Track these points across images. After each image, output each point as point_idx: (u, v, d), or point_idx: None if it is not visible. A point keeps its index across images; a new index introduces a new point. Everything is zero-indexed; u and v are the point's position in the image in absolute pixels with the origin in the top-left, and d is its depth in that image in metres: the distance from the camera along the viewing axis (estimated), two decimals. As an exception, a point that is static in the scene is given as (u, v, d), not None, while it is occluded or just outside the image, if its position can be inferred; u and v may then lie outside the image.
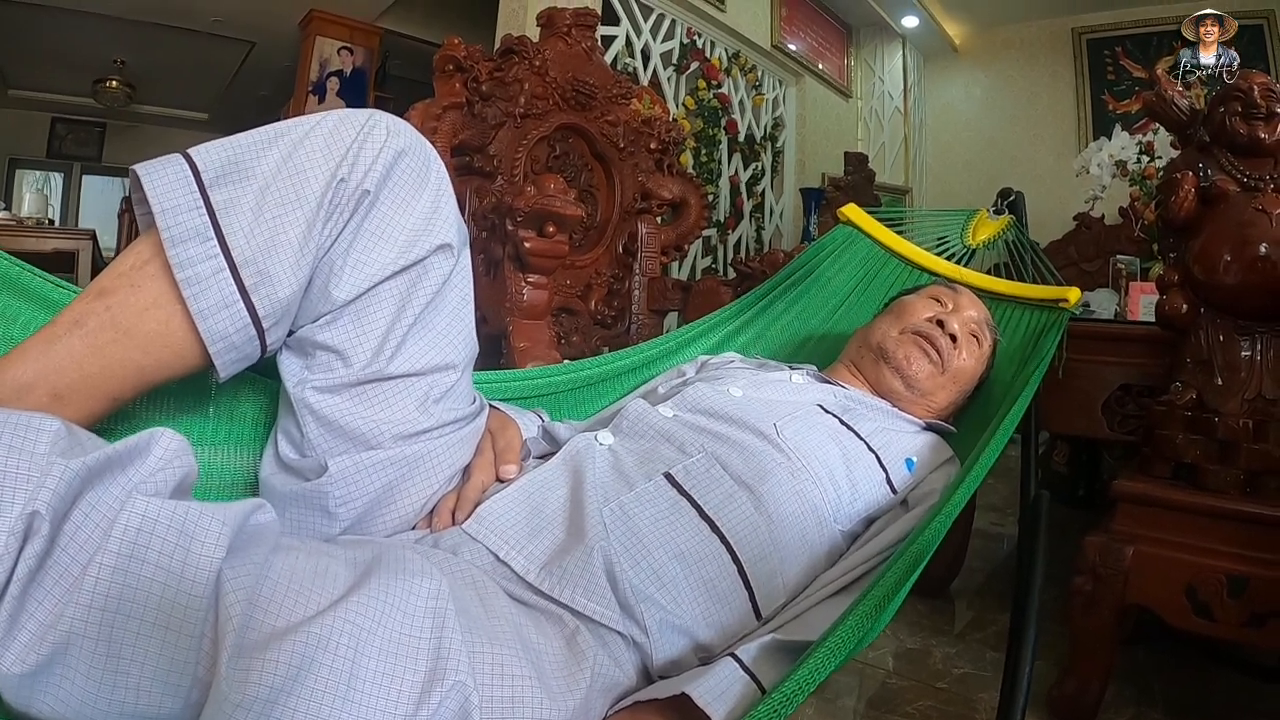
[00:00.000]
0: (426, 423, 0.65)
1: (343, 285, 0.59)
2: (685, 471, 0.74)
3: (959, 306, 1.07)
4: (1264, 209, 1.29)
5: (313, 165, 0.57)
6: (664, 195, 2.28)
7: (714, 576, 0.68)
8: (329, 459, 0.61)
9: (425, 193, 0.62)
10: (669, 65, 3.98)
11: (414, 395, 0.64)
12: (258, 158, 0.56)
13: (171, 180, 0.54)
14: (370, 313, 0.60)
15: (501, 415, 0.81)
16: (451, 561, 0.62)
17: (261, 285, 0.55)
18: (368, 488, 0.63)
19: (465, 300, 0.68)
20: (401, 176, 0.61)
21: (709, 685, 0.56)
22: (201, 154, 0.56)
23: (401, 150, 0.60)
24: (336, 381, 0.61)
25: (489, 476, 0.73)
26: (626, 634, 0.62)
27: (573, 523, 0.67)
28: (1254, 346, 1.33)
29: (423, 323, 0.63)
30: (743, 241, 4.52)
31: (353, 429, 0.62)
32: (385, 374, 0.62)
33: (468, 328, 0.69)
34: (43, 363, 0.52)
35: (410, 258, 0.61)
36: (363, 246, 0.59)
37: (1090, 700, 1.33)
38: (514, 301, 1.70)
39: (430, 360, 0.64)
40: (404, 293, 0.61)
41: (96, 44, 5.69)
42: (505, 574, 0.64)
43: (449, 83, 1.90)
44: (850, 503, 0.83)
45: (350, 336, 0.60)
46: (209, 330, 0.55)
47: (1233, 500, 1.25)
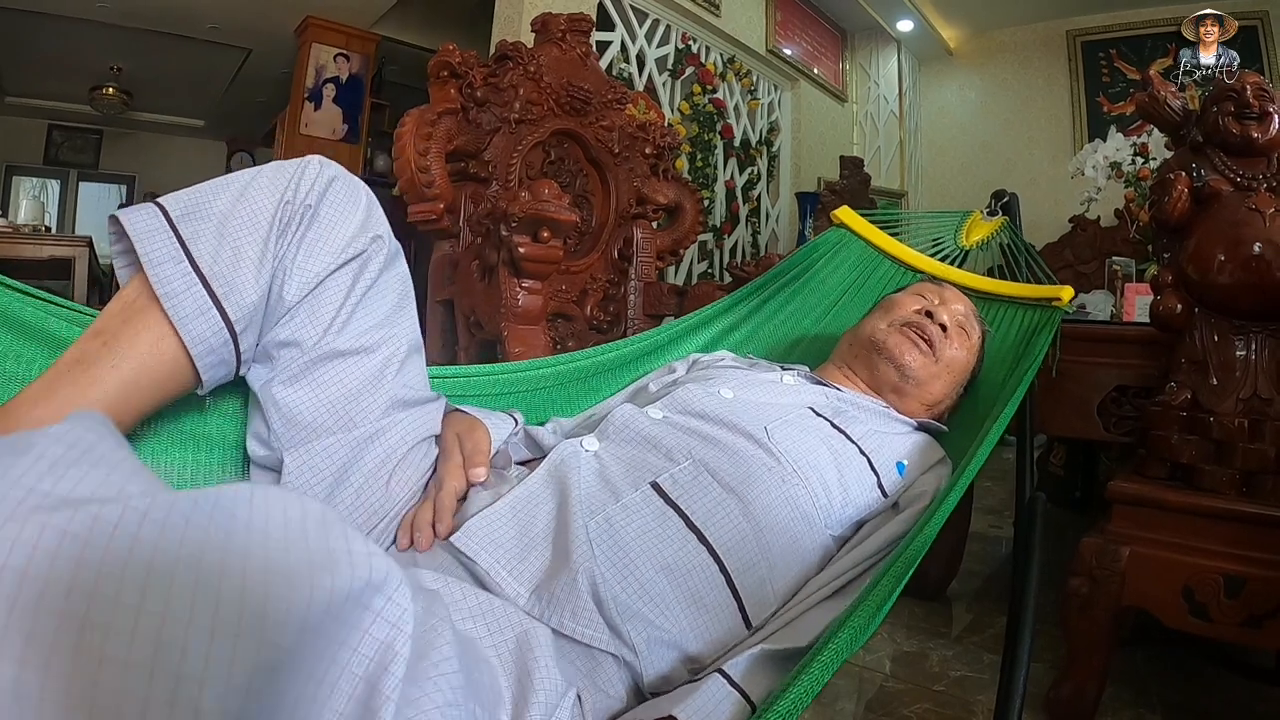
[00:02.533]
0: (379, 399, 0.70)
1: (293, 287, 0.66)
2: (672, 480, 0.74)
3: (945, 300, 1.09)
4: (1257, 208, 1.29)
5: (262, 196, 0.66)
6: (659, 200, 2.28)
7: (701, 588, 0.68)
8: (285, 451, 0.67)
9: (359, 207, 0.70)
10: (664, 70, 3.98)
11: (365, 371, 0.70)
12: (214, 198, 0.65)
13: (145, 218, 0.63)
14: (320, 303, 0.67)
15: (469, 418, 0.80)
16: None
17: (230, 293, 0.63)
18: (323, 473, 0.68)
19: (406, 295, 0.75)
20: (337, 195, 0.69)
21: (696, 705, 0.56)
22: (168, 200, 0.65)
23: (333, 177, 0.69)
24: (295, 368, 0.67)
25: (460, 482, 0.73)
26: (617, 654, 0.62)
27: (559, 542, 0.67)
28: (1249, 346, 1.33)
29: (366, 304, 0.70)
30: (739, 246, 4.52)
31: (311, 416, 0.67)
32: (336, 349, 0.68)
33: (411, 319, 0.75)
34: (49, 403, 0.58)
35: (351, 252, 0.68)
36: (308, 250, 0.67)
37: (1087, 702, 1.32)
38: (509, 307, 1.70)
39: (376, 336, 0.70)
40: (348, 282, 0.69)
41: (93, 51, 5.69)
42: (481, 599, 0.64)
43: (444, 89, 1.90)
44: (841, 507, 0.82)
45: (304, 325, 0.67)
46: (189, 334, 0.61)
47: (1229, 500, 1.25)
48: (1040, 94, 5.43)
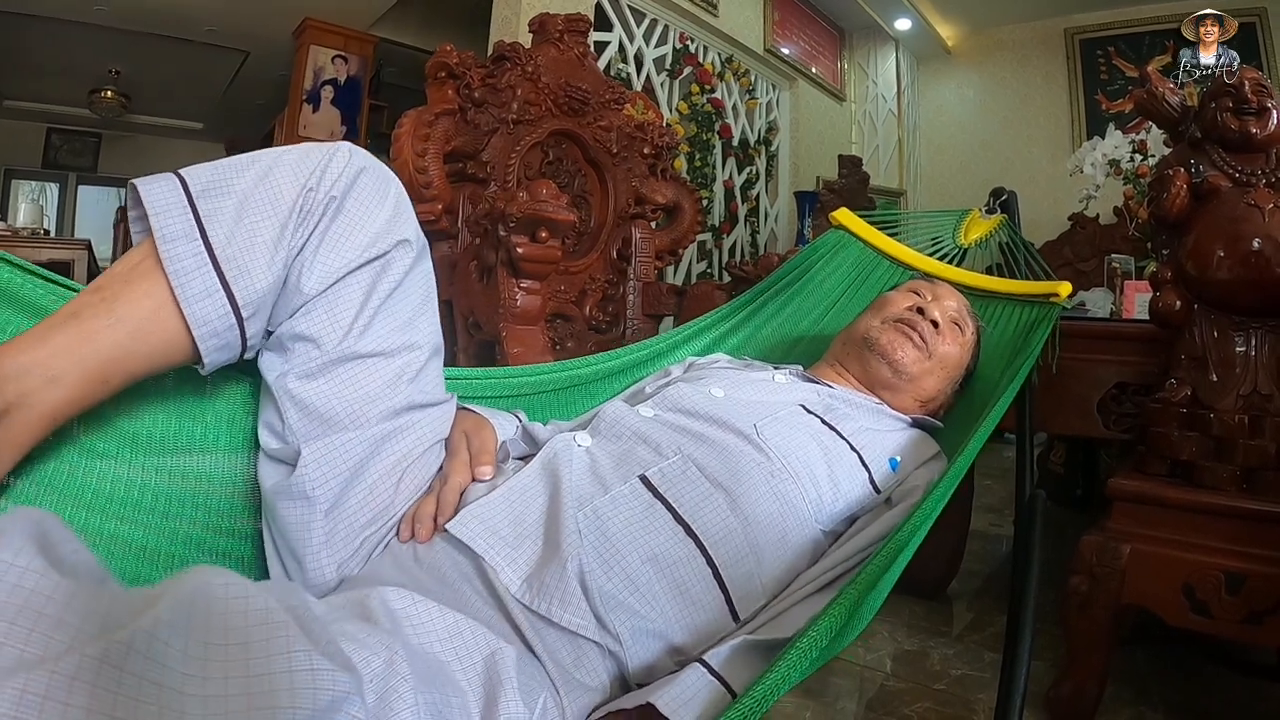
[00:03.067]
0: (397, 401, 0.69)
1: (312, 278, 0.65)
2: (660, 474, 0.75)
3: (938, 296, 1.09)
4: (1256, 204, 1.29)
5: (285, 180, 0.64)
6: (658, 200, 2.28)
7: (688, 580, 0.68)
8: (303, 444, 0.66)
9: (387, 201, 0.69)
10: (662, 70, 3.98)
11: (384, 374, 0.69)
12: (237, 176, 0.64)
13: (164, 191, 0.62)
14: (340, 300, 0.66)
15: (477, 417, 0.81)
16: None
17: (240, 278, 0.61)
18: (340, 467, 0.67)
19: (429, 296, 0.74)
20: (364, 188, 0.67)
21: (675, 693, 0.56)
22: (190, 172, 0.63)
23: (363, 168, 0.68)
24: (313, 365, 0.66)
25: (465, 478, 0.73)
26: (602, 643, 0.63)
27: (550, 533, 0.68)
28: (1248, 342, 1.33)
29: (389, 307, 0.69)
30: (738, 246, 4.52)
31: (328, 410, 0.66)
32: (356, 352, 0.67)
33: (433, 320, 0.74)
34: (40, 350, 0.57)
35: (374, 251, 0.67)
36: (330, 245, 0.65)
37: (1088, 701, 1.32)
38: (507, 307, 1.70)
39: (397, 340, 0.69)
40: (370, 282, 0.67)
41: (91, 54, 5.69)
42: (481, 590, 0.65)
43: (441, 90, 1.90)
44: (832, 503, 0.83)
45: (322, 322, 0.66)
46: (194, 315, 0.60)
47: (1229, 497, 1.25)
48: (1039, 92, 5.44)
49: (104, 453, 0.66)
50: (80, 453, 0.65)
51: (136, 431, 0.68)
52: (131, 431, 0.68)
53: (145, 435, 0.69)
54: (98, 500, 0.65)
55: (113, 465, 0.66)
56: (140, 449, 0.68)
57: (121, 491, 0.67)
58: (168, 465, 0.70)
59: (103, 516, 0.65)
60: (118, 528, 0.66)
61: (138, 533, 0.67)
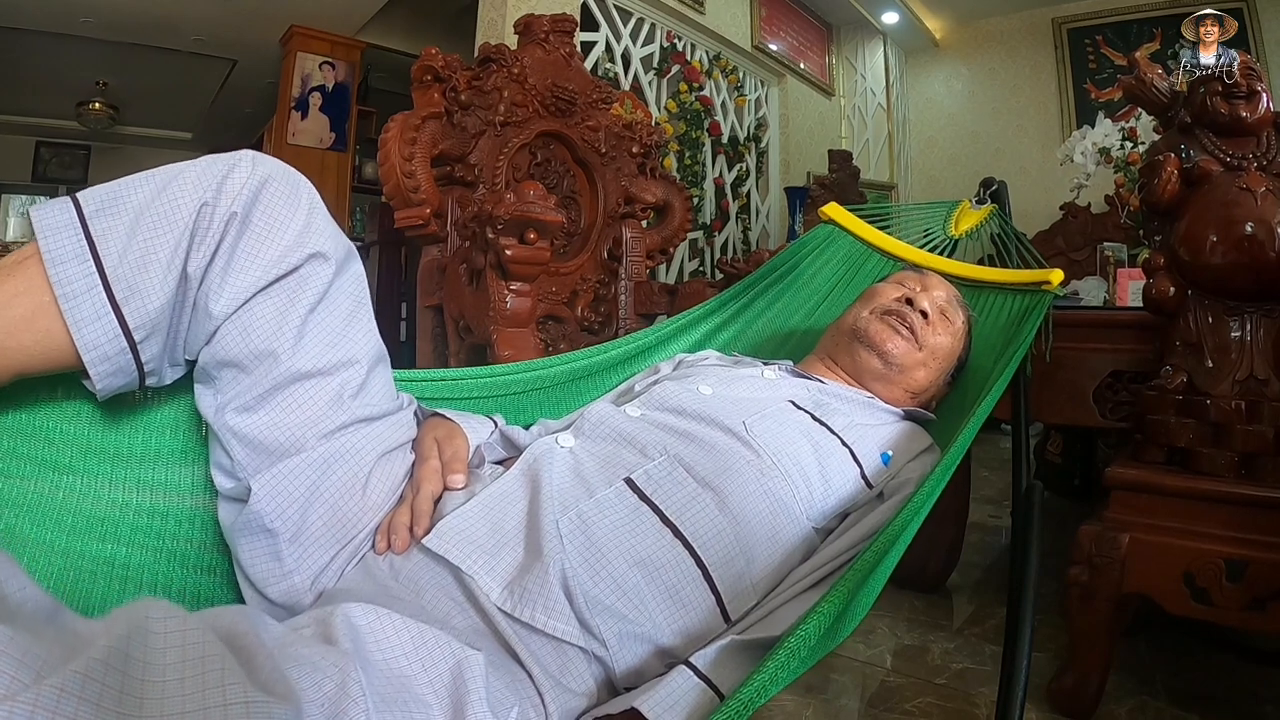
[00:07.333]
0: (341, 418, 0.67)
1: (221, 301, 0.62)
2: (646, 476, 0.74)
3: (927, 287, 1.08)
4: (1248, 188, 1.28)
5: (182, 195, 0.61)
6: (648, 199, 2.27)
7: (677, 582, 0.67)
8: (251, 479, 0.64)
9: (298, 213, 0.65)
10: (650, 69, 3.97)
11: (325, 395, 0.66)
12: (133, 191, 0.61)
13: (55, 213, 0.60)
14: (254, 322, 0.63)
15: (449, 424, 0.80)
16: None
17: (132, 298, 0.59)
18: (293, 494, 0.65)
19: (359, 305, 0.71)
20: (270, 200, 0.64)
21: (660, 697, 0.56)
22: (85, 194, 0.61)
23: (266, 178, 0.64)
24: (249, 397, 0.64)
25: (437, 486, 0.72)
26: (586, 648, 0.62)
27: (531, 538, 0.67)
28: (1243, 327, 1.32)
29: (313, 323, 0.66)
30: (729, 243, 4.51)
31: (272, 440, 0.64)
32: (290, 375, 0.64)
33: (367, 329, 0.71)
34: None
35: (284, 267, 0.64)
36: (238, 264, 0.63)
37: (1091, 692, 1.31)
38: (498, 310, 1.69)
39: (331, 357, 0.67)
40: (284, 301, 0.64)
41: (78, 66, 5.66)
42: (461, 600, 0.63)
43: (427, 93, 1.89)
44: (823, 499, 0.82)
45: (238, 346, 0.63)
46: (83, 339, 0.58)
47: (1228, 483, 1.24)
48: (1027, 82, 5.44)
49: (77, 469, 0.65)
50: (52, 470, 0.64)
51: (111, 447, 0.67)
52: (105, 447, 0.67)
53: (125, 451, 0.68)
54: (78, 521, 0.64)
55: (92, 483, 0.66)
56: (120, 465, 0.68)
57: (103, 511, 0.66)
58: (149, 480, 0.69)
59: (85, 538, 0.64)
60: (100, 547, 0.65)
61: (121, 550, 0.66)
